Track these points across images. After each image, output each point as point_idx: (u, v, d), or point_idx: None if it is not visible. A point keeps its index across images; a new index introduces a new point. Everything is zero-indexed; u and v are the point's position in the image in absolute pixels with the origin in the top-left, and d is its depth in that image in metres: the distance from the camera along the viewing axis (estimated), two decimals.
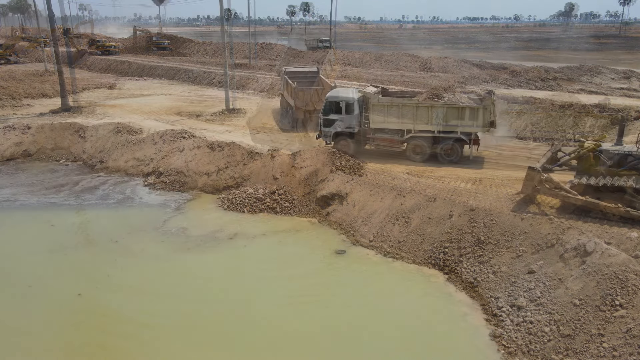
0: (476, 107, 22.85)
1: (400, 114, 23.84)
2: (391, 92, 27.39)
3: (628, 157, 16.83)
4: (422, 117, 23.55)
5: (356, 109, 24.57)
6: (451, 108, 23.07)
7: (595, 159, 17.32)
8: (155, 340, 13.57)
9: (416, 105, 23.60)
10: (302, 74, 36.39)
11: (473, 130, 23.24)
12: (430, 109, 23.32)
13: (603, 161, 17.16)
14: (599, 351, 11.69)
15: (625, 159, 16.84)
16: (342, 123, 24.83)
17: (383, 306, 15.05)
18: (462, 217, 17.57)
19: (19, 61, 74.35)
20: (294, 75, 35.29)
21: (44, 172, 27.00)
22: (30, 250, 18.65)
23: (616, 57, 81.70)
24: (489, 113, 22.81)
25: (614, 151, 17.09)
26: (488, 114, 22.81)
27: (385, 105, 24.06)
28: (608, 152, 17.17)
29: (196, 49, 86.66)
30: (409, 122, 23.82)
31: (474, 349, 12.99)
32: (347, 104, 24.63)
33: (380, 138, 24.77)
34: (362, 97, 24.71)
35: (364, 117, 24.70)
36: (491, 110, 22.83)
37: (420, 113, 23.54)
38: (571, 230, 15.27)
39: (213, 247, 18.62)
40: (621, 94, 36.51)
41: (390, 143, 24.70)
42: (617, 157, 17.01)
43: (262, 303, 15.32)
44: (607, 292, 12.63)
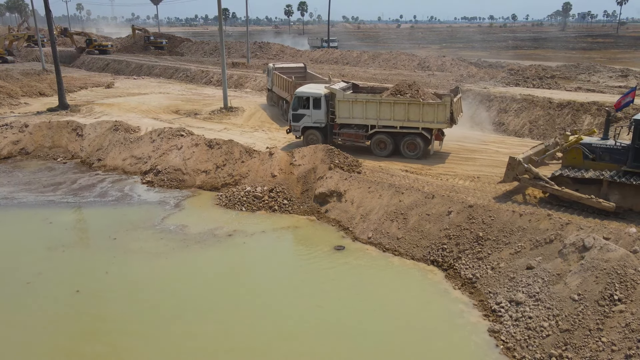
0: (436, 103, 23.33)
1: (364, 109, 24.52)
2: (362, 87, 28.12)
3: (608, 151, 17.24)
4: (385, 113, 24.15)
5: (323, 105, 25.40)
6: (412, 104, 23.59)
7: (578, 153, 17.70)
8: (154, 337, 13.53)
9: (379, 101, 24.18)
10: (290, 69, 37.51)
11: (434, 126, 23.76)
12: (393, 105, 23.87)
13: (586, 155, 17.55)
14: (597, 346, 11.71)
15: (606, 152, 17.26)
16: (310, 118, 25.76)
17: (381, 302, 15.03)
18: (461, 214, 17.58)
19: (15, 60, 74.18)
20: (283, 70, 36.16)
21: (42, 170, 26.94)
22: (29, 247, 18.62)
23: (613, 56, 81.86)
24: (449, 109, 23.18)
25: (596, 145, 17.48)
26: (448, 110, 23.18)
27: (350, 101, 24.73)
28: (590, 146, 17.56)
29: (194, 48, 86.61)
30: (372, 118, 24.50)
31: (473, 344, 12.99)
32: (315, 99, 25.51)
33: (346, 133, 25.45)
34: (329, 93, 25.38)
35: (330, 112, 25.46)
36: (450, 106, 23.15)
37: (383, 109, 24.15)
38: (570, 226, 15.30)
39: (212, 244, 18.59)
40: (619, 92, 36.49)
41: (356, 138, 25.37)
42: (598, 151, 17.40)
43: (261, 298, 15.31)
44: (605, 287, 12.64)
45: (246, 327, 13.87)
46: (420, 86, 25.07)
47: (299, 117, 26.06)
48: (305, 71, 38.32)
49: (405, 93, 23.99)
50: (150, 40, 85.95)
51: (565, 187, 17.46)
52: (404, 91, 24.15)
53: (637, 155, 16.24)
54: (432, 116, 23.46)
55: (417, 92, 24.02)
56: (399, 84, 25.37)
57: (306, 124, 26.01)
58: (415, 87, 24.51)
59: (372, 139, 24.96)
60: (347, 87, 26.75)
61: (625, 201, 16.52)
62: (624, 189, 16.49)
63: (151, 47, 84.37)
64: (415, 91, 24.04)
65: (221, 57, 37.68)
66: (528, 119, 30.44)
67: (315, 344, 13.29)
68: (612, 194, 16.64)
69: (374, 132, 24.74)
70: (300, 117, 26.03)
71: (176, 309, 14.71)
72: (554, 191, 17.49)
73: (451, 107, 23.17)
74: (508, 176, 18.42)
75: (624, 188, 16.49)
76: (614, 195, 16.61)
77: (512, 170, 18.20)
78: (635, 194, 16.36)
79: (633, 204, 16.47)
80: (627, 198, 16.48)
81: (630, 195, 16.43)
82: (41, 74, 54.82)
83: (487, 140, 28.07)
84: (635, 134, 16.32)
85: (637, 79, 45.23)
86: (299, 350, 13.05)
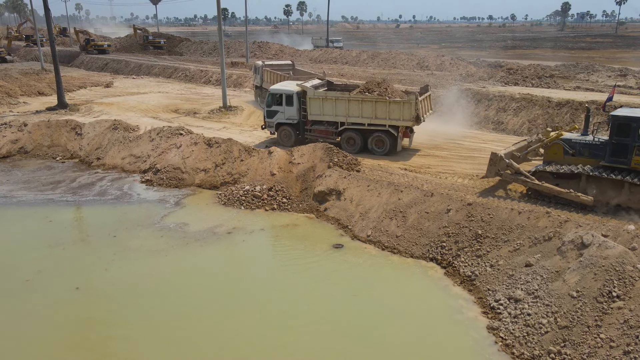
0: (402, 101, 23.77)
1: (334, 107, 25.12)
2: (336, 85, 28.74)
3: (587, 147, 17.71)
4: (354, 111, 24.71)
5: (295, 102, 26.12)
6: (379, 102, 24.06)
7: (559, 148, 18.19)
8: (153, 334, 13.55)
9: (348, 99, 24.72)
10: (278, 66, 38.55)
11: (400, 123, 24.16)
12: (361, 102, 24.41)
13: (566, 150, 18.05)
14: (596, 342, 11.74)
15: (585, 148, 17.73)
16: (283, 114, 26.60)
17: (380, 299, 15.05)
18: (460, 211, 17.61)
19: (14, 60, 74.21)
20: (272, 68, 37.09)
21: (41, 169, 26.94)
22: (28, 245, 18.63)
23: (612, 55, 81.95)
24: (414, 107, 23.59)
25: (575, 141, 17.96)
26: (413, 108, 23.60)
27: (320, 99, 25.38)
28: (570, 142, 18.02)
29: (193, 48, 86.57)
30: (342, 115, 25.08)
31: (471, 341, 13.01)
32: (287, 96, 26.27)
33: (317, 129, 26.14)
34: (301, 91, 26.03)
35: (302, 109, 26.13)
36: (416, 104, 23.56)
37: (352, 106, 24.70)
38: (568, 223, 15.35)
39: (212, 242, 18.61)
40: (617, 92, 36.56)
41: (326, 134, 25.95)
42: (578, 146, 17.88)
43: (260, 296, 15.34)
44: (604, 284, 12.68)
45: (245, 324, 13.88)
46: (389, 84, 25.56)
47: (272, 113, 26.90)
48: (294, 68, 39.13)
49: (374, 91, 24.51)
50: (148, 40, 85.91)
51: (546, 181, 17.91)
52: (373, 89, 24.67)
53: (614, 150, 16.73)
54: (398, 114, 23.92)
55: (386, 90, 24.51)
56: (369, 82, 25.94)
57: (280, 120, 26.82)
58: (384, 85, 24.98)
59: (342, 135, 25.57)
60: (321, 85, 27.51)
61: (602, 195, 16.94)
62: (602, 183, 16.91)
63: (150, 46, 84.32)
64: (383, 89, 24.53)
65: (220, 56, 37.71)
66: (527, 118, 30.48)
67: (314, 341, 13.30)
68: (591, 188, 17.09)
69: (344, 129, 25.36)
70: (274, 114, 26.86)
71: (176, 306, 14.72)
72: (534, 186, 17.93)
73: (416, 105, 23.59)
74: (490, 171, 18.86)
75: (601, 182, 16.91)
76: (592, 190, 17.05)
77: (494, 166, 18.64)
78: (612, 188, 16.77)
79: (610, 198, 16.87)
80: (605, 192, 16.91)
81: (608, 190, 16.85)
82: (40, 73, 54.78)
83: (486, 139, 28.10)
84: (612, 130, 16.79)
85: (636, 78, 45.29)
86: (298, 347, 13.07)
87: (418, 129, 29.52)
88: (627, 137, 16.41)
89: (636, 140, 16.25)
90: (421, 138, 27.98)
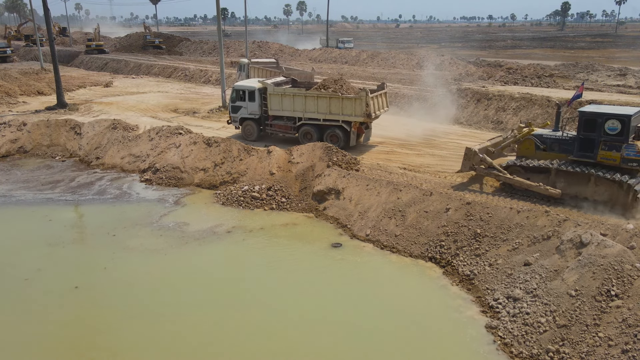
0: (354, 98, 24.63)
1: (292, 103, 26.17)
2: (300, 82, 29.68)
3: (557, 142, 18.39)
4: (310, 106, 25.68)
5: (257, 97, 27.18)
6: (333, 98, 25.02)
7: (531, 143, 18.84)
8: (152, 332, 13.55)
9: (305, 95, 25.75)
10: (264, 64, 40.22)
11: (352, 119, 25.07)
12: (317, 99, 25.40)
13: (537, 145, 18.71)
14: (594, 341, 11.74)
15: (555, 143, 18.41)
16: (246, 110, 27.71)
17: (379, 298, 15.06)
18: (459, 211, 17.61)
19: (14, 59, 74.21)
20: (257, 66, 38.71)
21: (40, 169, 26.93)
22: (28, 244, 18.63)
23: (611, 55, 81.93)
24: (365, 104, 24.40)
25: (546, 136, 18.66)
26: (364, 105, 24.42)
27: (280, 95, 26.44)
28: (541, 137, 18.73)
29: (192, 47, 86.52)
30: (299, 111, 26.11)
31: (470, 340, 13.00)
32: (249, 92, 27.36)
33: (277, 124, 27.25)
34: (262, 87, 27.08)
35: (264, 104, 27.21)
36: (366, 101, 24.33)
37: (308, 102, 25.69)
38: (567, 222, 15.35)
39: (211, 242, 18.61)
40: (617, 91, 36.57)
41: (285, 129, 27.07)
42: (549, 142, 18.58)
43: (259, 294, 15.33)
44: (602, 283, 12.68)
45: (243, 323, 13.88)
46: (345, 82, 26.48)
47: (237, 108, 28.02)
48: (278, 66, 40.48)
49: (329, 88, 25.42)
50: (147, 40, 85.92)
51: (518, 175, 18.53)
52: (329, 86, 25.59)
53: (581, 145, 17.42)
54: (350, 110, 24.81)
55: (342, 87, 25.47)
56: (326, 79, 26.92)
57: (243, 115, 27.91)
58: (341, 82, 26.00)
59: (300, 130, 26.48)
60: (284, 82, 28.60)
61: (570, 188, 17.60)
62: (569, 177, 17.58)
63: (150, 46, 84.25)
64: (339, 86, 25.46)
65: (220, 56, 37.73)
66: (526, 118, 30.45)
67: (312, 339, 13.31)
68: (559, 182, 17.73)
69: (301, 124, 26.32)
70: (238, 109, 27.96)
71: (175, 305, 14.72)
72: (506, 179, 18.56)
73: (367, 101, 24.32)
74: (465, 166, 19.48)
75: (569, 176, 17.58)
76: (560, 183, 17.70)
77: (468, 160, 19.26)
78: (579, 182, 17.43)
79: (577, 191, 17.52)
80: (572, 185, 17.58)
81: (575, 183, 17.52)
82: (40, 73, 54.72)
83: (485, 138, 28.01)
84: (579, 125, 17.45)
85: (636, 77, 45.29)
86: (296, 346, 13.07)
87: (417, 129, 29.53)
88: (593, 133, 17.07)
89: (602, 136, 16.90)
90: (421, 137, 28.04)
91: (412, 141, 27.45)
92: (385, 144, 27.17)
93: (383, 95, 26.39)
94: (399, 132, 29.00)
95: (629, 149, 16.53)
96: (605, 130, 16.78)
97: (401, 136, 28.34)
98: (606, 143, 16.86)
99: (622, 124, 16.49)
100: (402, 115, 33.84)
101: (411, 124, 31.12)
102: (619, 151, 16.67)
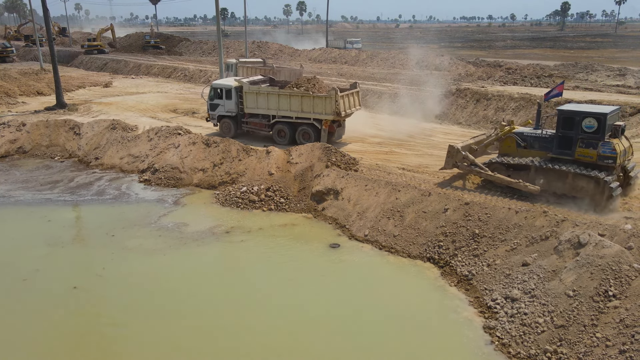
0: (324, 96, 25.35)
1: (267, 101, 26.95)
2: (277, 81, 30.29)
3: (537, 139, 18.76)
4: (283, 105, 26.50)
5: (234, 96, 27.99)
6: (305, 97, 25.80)
7: (512, 141, 19.31)
8: (151, 333, 13.55)
9: (278, 93, 26.56)
10: (250, 63, 41.94)
11: (323, 117, 25.76)
12: (289, 97, 26.19)
13: (518, 143, 19.15)
14: (592, 341, 11.74)
15: (536, 140, 18.80)
16: (223, 107, 28.55)
17: (377, 298, 15.06)
18: (457, 211, 17.62)
19: (14, 59, 74.25)
20: (246, 65, 40.06)
21: (39, 169, 26.94)
22: (26, 244, 18.64)
23: (611, 55, 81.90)
24: (335, 103, 25.14)
25: (527, 134, 19.06)
26: (334, 103, 25.14)
27: (255, 93, 27.20)
28: (522, 135, 19.14)
29: (192, 47, 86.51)
30: (273, 109, 26.88)
31: (468, 340, 13.01)
32: (226, 91, 28.18)
33: (253, 122, 28.10)
34: (239, 86, 27.86)
35: (240, 103, 28.00)
36: (336, 100, 25.08)
37: (282, 101, 26.49)
38: (565, 222, 15.35)
39: (210, 242, 18.61)
40: (616, 91, 36.57)
41: (260, 127, 27.95)
42: (529, 139, 18.99)
43: (257, 295, 15.35)
44: (600, 283, 12.68)
45: (242, 323, 13.90)
46: (318, 81, 27.01)
47: (215, 106, 28.84)
48: (265, 65, 41.82)
49: (301, 87, 26.16)
50: (145, 40, 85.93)
51: (500, 172, 18.89)
52: (301, 85, 26.36)
53: (560, 142, 17.80)
54: (321, 108, 25.52)
55: (314, 86, 26.07)
56: (300, 78, 27.90)
57: (220, 113, 28.70)
58: (314, 81, 26.60)
59: (274, 128, 27.25)
60: (261, 81, 29.27)
61: (549, 185, 17.91)
62: (548, 174, 17.87)
63: (150, 47, 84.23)
64: (311, 85, 26.11)
65: (219, 56, 37.76)
66: (526, 117, 30.44)
67: (310, 340, 13.32)
68: (538, 179, 18.03)
69: (275, 122, 27.10)
70: (216, 107, 28.76)
71: (173, 305, 14.73)
72: (487, 176, 18.98)
73: (336, 100, 25.02)
74: (448, 163, 19.87)
75: (548, 173, 17.88)
76: (539, 180, 17.99)
77: (451, 158, 19.64)
78: (557, 179, 17.73)
79: (556, 188, 17.82)
80: (551, 182, 17.88)
81: (553, 180, 17.81)
82: (39, 73, 54.75)
83: None
84: (558, 123, 17.81)
85: (635, 77, 45.28)
86: (294, 345, 13.08)
87: (416, 129, 29.56)
88: (571, 130, 17.43)
89: (579, 133, 17.27)
90: (419, 137, 28.05)
91: (411, 141, 27.46)
92: (384, 144, 27.18)
93: (355, 94, 26.97)
94: (399, 132, 28.98)
95: (605, 147, 16.92)
96: (582, 128, 17.19)
97: (400, 136, 28.33)
98: (583, 141, 17.27)
99: (598, 122, 16.89)
100: (402, 115, 33.84)
101: (411, 124, 31.12)
102: (596, 148, 17.05)
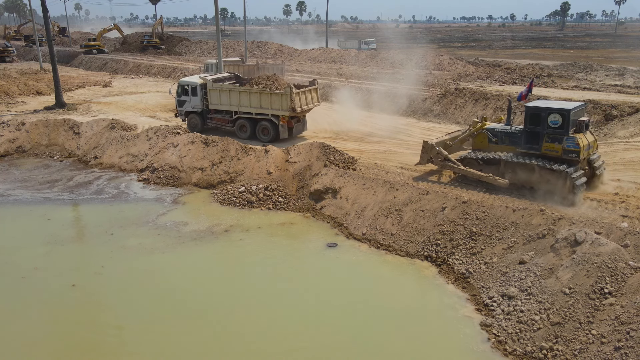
0: (280, 93, 25.99)
1: (229, 97, 27.69)
2: (243, 78, 30.94)
3: (507, 135, 19.26)
4: (244, 101, 27.22)
5: (199, 92, 28.87)
6: (263, 94, 26.46)
7: (484, 137, 19.79)
8: (149, 331, 13.61)
9: (239, 90, 27.29)
10: (230, 62, 43.34)
11: (279, 113, 26.46)
12: (249, 94, 26.91)
13: (490, 138, 19.63)
14: (587, 338, 11.80)
15: (506, 136, 19.30)
16: (190, 104, 29.44)
17: (374, 297, 15.12)
18: (455, 209, 17.67)
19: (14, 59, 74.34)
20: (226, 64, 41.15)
21: (38, 168, 27.01)
22: (25, 243, 18.72)
23: (610, 55, 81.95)
24: (290, 99, 25.75)
25: (498, 130, 19.58)
26: (289, 100, 25.77)
27: (218, 90, 28.00)
28: (493, 131, 19.67)
29: (192, 47, 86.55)
30: (235, 105, 27.64)
31: (465, 338, 13.07)
32: (192, 88, 29.10)
33: (217, 118, 28.92)
34: (204, 83, 28.71)
35: (205, 99, 28.81)
36: (291, 97, 25.70)
37: (242, 97, 27.22)
38: (562, 221, 15.41)
39: (209, 241, 18.66)
40: (615, 91, 36.59)
41: (223, 122, 28.65)
42: (500, 135, 19.48)
43: (255, 294, 15.40)
44: (596, 281, 12.75)
45: (240, 322, 13.96)
46: (278, 78, 27.80)
47: (182, 103, 29.75)
48: (244, 63, 43.57)
49: (261, 84, 26.93)
50: (144, 40, 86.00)
51: (472, 167, 19.47)
52: (261, 82, 27.16)
53: (528, 137, 18.35)
54: (278, 104, 26.18)
55: (273, 83, 26.83)
56: (261, 76, 28.50)
57: (188, 109, 29.63)
58: (273, 79, 27.36)
59: (236, 123, 27.97)
60: (227, 78, 30.10)
61: (518, 178, 18.45)
62: (517, 168, 18.45)
63: (150, 47, 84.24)
64: (270, 82, 26.88)
65: (218, 56, 37.79)
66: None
67: (308, 338, 13.37)
68: (508, 172, 18.61)
69: (237, 118, 27.86)
70: (183, 103, 29.68)
71: (172, 303, 14.79)
72: (460, 171, 19.58)
73: (291, 97, 25.66)
74: (423, 158, 20.45)
75: (516, 167, 18.45)
76: (508, 174, 18.57)
77: (426, 153, 20.22)
78: (525, 172, 18.28)
79: (525, 181, 18.36)
80: (519, 175, 18.42)
81: (522, 173, 18.37)
82: (39, 73, 54.80)
83: None
84: (526, 119, 18.36)
85: (634, 77, 45.30)
86: (292, 344, 13.13)
87: (412, 128, 29.59)
88: (538, 126, 17.94)
89: (545, 129, 17.77)
90: (418, 137, 28.05)
91: (410, 141, 27.50)
92: (383, 143, 27.22)
93: (313, 91, 27.60)
94: (398, 132, 29.02)
95: (569, 141, 17.40)
96: (548, 123, 17.68)
97: (400, 136, 28.37)
98: (549, 136, 17.75)
99: (562, 117, 17.37)
100: (402, 115, 33.89)
101: (411, 123, 31.16)
102: (561, 143, 17.54)
